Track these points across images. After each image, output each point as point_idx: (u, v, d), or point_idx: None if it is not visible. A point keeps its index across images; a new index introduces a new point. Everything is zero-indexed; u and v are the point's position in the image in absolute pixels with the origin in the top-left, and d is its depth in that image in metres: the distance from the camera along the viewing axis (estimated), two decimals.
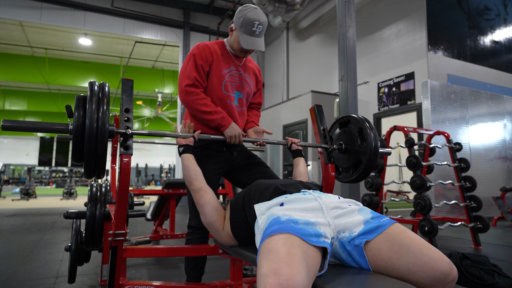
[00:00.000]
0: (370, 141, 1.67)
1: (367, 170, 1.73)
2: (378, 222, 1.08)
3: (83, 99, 1.32)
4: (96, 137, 1.26)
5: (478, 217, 3.60)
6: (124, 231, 1.51)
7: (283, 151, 7.44)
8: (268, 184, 1.31)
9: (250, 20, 1.66)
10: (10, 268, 2.63)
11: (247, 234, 1.30)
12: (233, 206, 1.40)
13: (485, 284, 1.94)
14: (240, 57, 1.83)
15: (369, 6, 7.12)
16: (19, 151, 26.72)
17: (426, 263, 0.96)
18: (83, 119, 1.27)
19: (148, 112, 17.49)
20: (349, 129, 1.82)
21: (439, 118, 5.56)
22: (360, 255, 1.04)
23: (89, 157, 1.26)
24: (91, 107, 1.27)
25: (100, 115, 1.27)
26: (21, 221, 5.43)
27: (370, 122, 1.75)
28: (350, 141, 1.80)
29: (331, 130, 1.98)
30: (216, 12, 10.34)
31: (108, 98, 1.35)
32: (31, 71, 13.44)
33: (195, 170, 1.53)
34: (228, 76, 1.76)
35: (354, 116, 1.80)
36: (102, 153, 1.29)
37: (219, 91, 1.75)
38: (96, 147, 1.26)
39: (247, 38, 1.69)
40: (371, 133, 1.69)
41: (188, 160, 1.57)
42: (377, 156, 1.69)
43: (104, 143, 1.28)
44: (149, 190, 3.60)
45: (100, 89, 1.34)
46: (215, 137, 1.68)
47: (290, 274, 0.81)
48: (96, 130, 1.26)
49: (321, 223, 1.06)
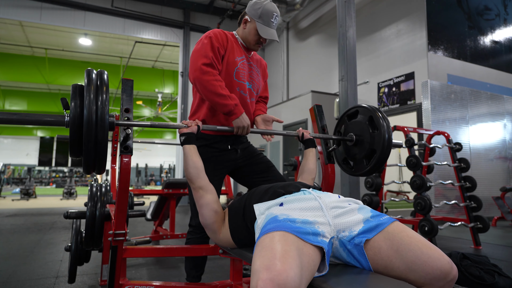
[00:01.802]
0: (383, 130, 1.60)
1: (382, 160, 1.64)
2: (378, 220, 1.08)
3: (79, 87, 1.21)
4: (96, 127, 1.16)
5: (478, 217, 3.60)
6: (124, 231, 1.50)
7: (283, 151, 7.44)
8: (267, 188, 1.31)
9: (269, 11, 1.68)
10: (10, 268, 2.63)
11: (247, 240, 1.29)
12: (232, 211, 1.39)
13: (485, 284, 1.94)
14: (250, 50, 1.81)
15: (369, 6, 7.12)
16: (19, 151, 26.71)
17: (426, 262, 0.96)
18: (81, 109, 1.17)
19: (148, 112, 17.49)
20: (358, 120, 1.75)
21: (439, 118, 5.55)
22: (360, 254, 1.04)
23: (88, 150, 1.17)
24: (89, 95, 1.16)
25: (99, 104, 1.17)
26: (21, 221, 5.43)
27: (382, 111, 1.68)
28: (361, 132, 1.72)
29: (339, 124, 1.90)
30: (216, 12, 10.34)
31: (108, 86, 1.25)
32: (31, 71, 13.44)
33: (195, 166, 1.43)
34: (240, 64, 1.73)
35: (364, 106, 1.74)
36: (102, 144, 1.19)
37: (231, 78, 1.70)
38: (95, 139, 1.17)
39: (266, 28, 1.69)
40: (383, 122, 1.61)
41: (189, 152, 1.46)
42: (391, 145, 1.62)
43: (104, 134, 1.18)
44: (149, 190, 3.60)
45: (98, 77, 1.24)
46: (222, 128, 1.61)
47: (282, 269, 0.81)
48: (95, 120, 1.16)
49: (320, 222, 1.05)
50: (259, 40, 1.74)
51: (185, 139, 1.48)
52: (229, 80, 1.69)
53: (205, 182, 1.42)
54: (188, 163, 1.44)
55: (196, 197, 1.40)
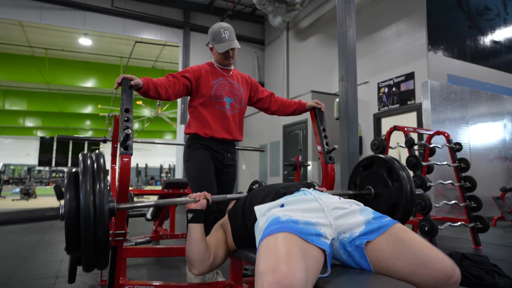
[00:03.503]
0: (404, 183, 1.51)
1: (407, 215, 1.53)
2: (380, 222, 1.07)
3: (74, 175, 1.11)
4: (94, 222, 1.05)
5: (478, 217, 3.60)
6: (124, 231, 1.50)
7: (283, 151, 7.44)
8: (270, 189, 1.30)
9: (217, 31, 1.96)
10: (10, 268, 2.63)
11: (251, 241, 1.26)
12: (231, 216, 1.38)
13: (485, 284, 1.94)
14: (228, 69, 2.09)
15: (369, 6, 7.12)
16: (19, 151, 26.71)
17: (429, 264, 0.95)
18: (77, 201, 1.07)
19: (148, 112, 17.49)
20: (375, 171, 1.66)
21: (439, 118, 5.55)
22: (361, 256, 1.03)
23: (87, 247, 1.06)
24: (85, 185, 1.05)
25: (97, 194, 1.06)
26: None
27: (399, 161, 1.61)
28: (380, 184, 1.63)
29: (354, 174, 1.80)
30: (216, 12, 10.34)
31: (106, 172, 1.14)
32: (31, 71, 13.44)
33: (199, 251, 1.28)
34: (217, 86, 2.01)
35: (380, 156, 1.65)
36: (103, 241, 1.07)
37: (210, 99, 1.98)
38: (95, 235, 1.06)
39: (221, 45, 1.96)
40: (403, 173, 1.53)
41: (195, 233, 1.30)
42: (415, 198, 1.53)
43: (104, 229, 1.08)
44: (149, 190, 3.59)
45: (95, 162, 1.14)
46: (232, 196, 1.54)
47: (288, 271, 0.80)
48: (93, 214, 1.05)
49: (322, 223, 1.05)
50: (225, 56, 2.01)
51: (193, 217, 1.35)
52: (209, 100, 1.99)
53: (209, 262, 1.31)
54: (191, 247, 1.30)
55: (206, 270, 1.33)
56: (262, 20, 11.13)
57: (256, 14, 10.81)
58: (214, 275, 1.84)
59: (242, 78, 2.17)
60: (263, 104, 2.20)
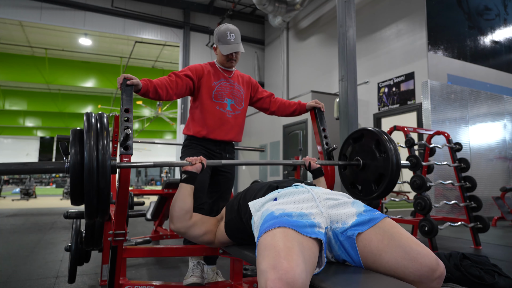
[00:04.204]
0: (391, 154, 1.58)
1: (391, 184, 1.61)
2: (371, 215, 1.11)
3: (79, 132, 1.19)
4: (97, 174, 1.13)
5: (478, 217, 3.60)
6: (124, 231, 1.51)
7: (283, 151, 7.44)
8: (262, 185, 1.34)
9: (223, 32, 1.95)
10: (10, 268, 2.63)
11: (242, 233, 1.32)
12: (228, 208, 1.42)
13: (485, 284, 1.94)
14: (230, 70, 2.09)
15: (369, 6, 7.12)
16: (19, 151, 26.70)
17: (414, 258, 0.98)
18: (81, 155, 1.14)
19: (148, 112, 17.49)
20: (364, 143, 1.72)
21: (439, 118, 5.55)
22: (352, 247, 1.06)
23: (90, 197, 1.15)
24: (89, 141, 1.13)
25: (100, 150, 1.14)
26: (21, 221, 5.43)
27: (387, 134, 1.67)
28: (368, 156, 1.70)
29: (344, 147, 1.87)
30: (216, 12, 10.34)
31: (108, 130, 1.23)
32: (31, 71, 13.44)
33: (183, 207, 1.43)
34: (218, 87, 2.01)
35: (369, 129, 1.72)
36: (104, 192, 1.16)
37: (211, 100, 1.98)
38: (97, 186, 1.15)
39: (226, 46, 1.96)
40: (390, 145, 1.59)
41: (185, 191, 1.45)
42: (400, 168, 1.59)
43: (106, 181, 1.16)
44: (149, 190, 3.59)
45: (98, 121, 1.22)
46: (227, 162, 1.63)
47: (289, 267, 0.83)
48: (96, 167, 1.13)
49: (315, 213, 1.08)
50: (228, 58, 2.01)
51: (187, 178, 1.47)
52: (209, 101, 1.98)
53: (187, 223, 1.44)
54: (177, 202, 1.43)
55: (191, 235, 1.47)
56: (262, 20, 11.14)
57: (256, 14, 10.81)
58: (214, 275, 1.84)
59: (243, 79, 2.18)
60: (263, 104, 2.21)
